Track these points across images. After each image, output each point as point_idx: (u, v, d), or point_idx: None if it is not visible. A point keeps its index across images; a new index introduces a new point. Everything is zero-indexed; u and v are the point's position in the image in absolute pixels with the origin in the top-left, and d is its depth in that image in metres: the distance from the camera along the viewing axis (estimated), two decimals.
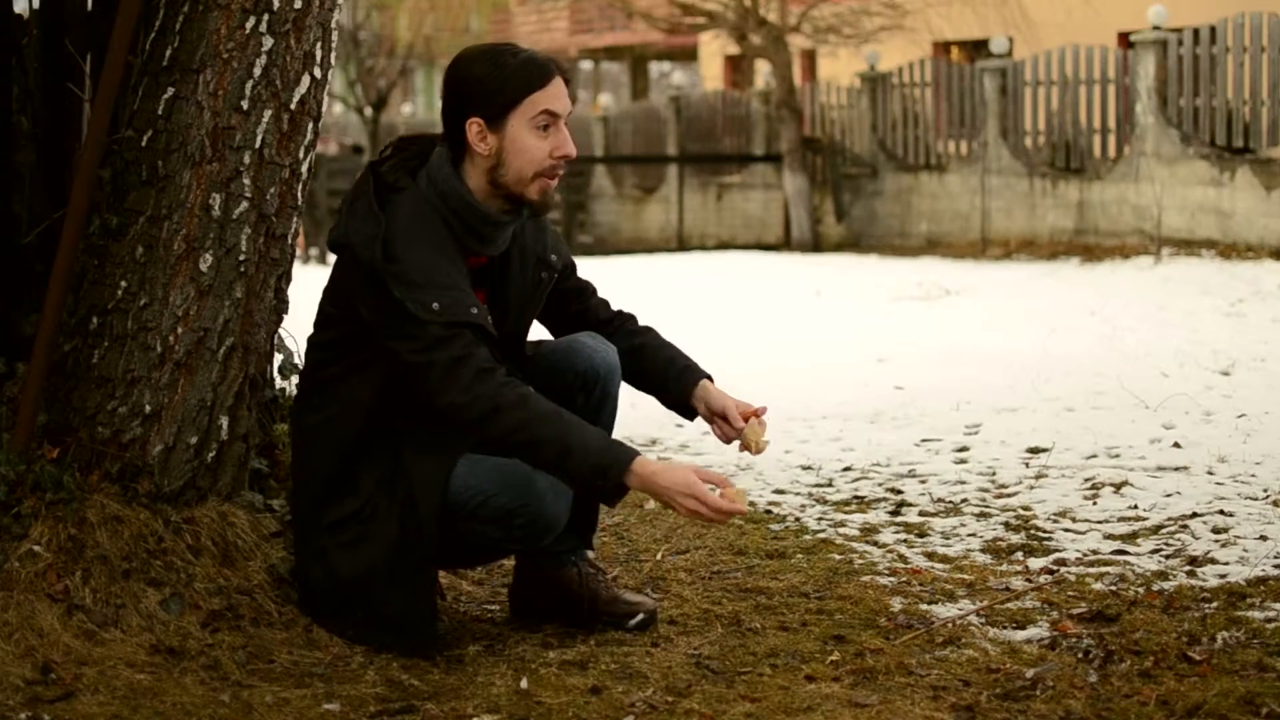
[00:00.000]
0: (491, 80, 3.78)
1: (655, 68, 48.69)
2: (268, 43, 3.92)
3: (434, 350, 3.68)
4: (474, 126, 3.80)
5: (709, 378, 4.12)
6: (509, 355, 3.94)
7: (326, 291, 3.88)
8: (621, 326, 4.17)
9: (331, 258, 3.91)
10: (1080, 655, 3.77)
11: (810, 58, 27.04)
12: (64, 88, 4.28)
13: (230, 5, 3.89)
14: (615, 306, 4.24)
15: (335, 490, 3.84)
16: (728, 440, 4.06)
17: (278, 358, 4.43)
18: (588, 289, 4.20)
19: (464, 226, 3.82)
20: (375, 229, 3.73)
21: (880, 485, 5.88)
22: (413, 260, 3.71)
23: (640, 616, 4.01)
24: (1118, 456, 6.18)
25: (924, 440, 6.70)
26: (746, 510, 3.79)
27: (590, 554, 4.16)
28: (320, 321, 3.90)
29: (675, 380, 4.11)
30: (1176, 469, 5.89)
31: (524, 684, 3.63)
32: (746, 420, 4.02)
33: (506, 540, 3.88)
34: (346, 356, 3.82)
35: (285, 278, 4.10)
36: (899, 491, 5.76)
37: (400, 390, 3.77)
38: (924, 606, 4.22)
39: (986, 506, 5.48)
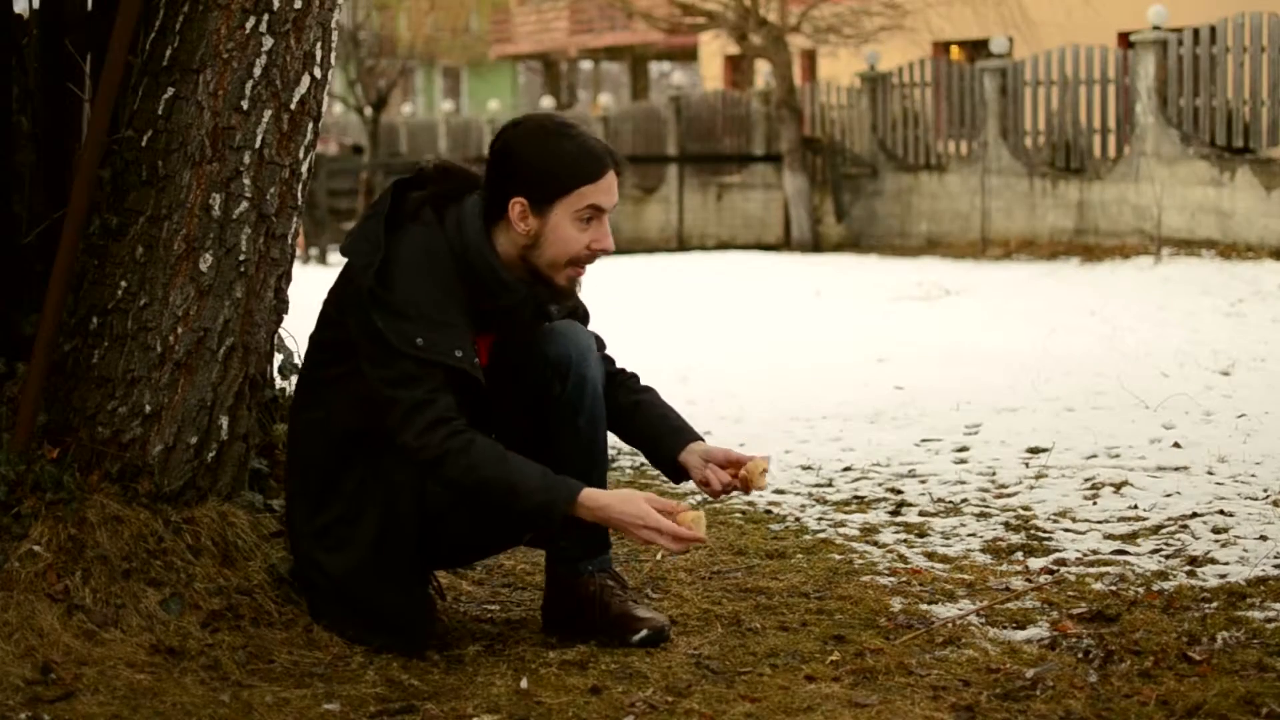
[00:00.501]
0: (544, 165, 3.74)
1: (655, 68, 48.70)
2: (268, 43, 3.92)
3: (400, 388, 3.69)
4: (517, 206, 3.76)
5: (701, 439, 4.03)
6: (511, 402, 3.90)
7: (330, 293, 3.89)
8: (622, 384, 4.08)
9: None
10: (1080, 655, 3.77)
11: (810, 58, 27.05)
12: (64, 88, 4.28)
13: (230, 5, 3.89)
14: (620, 365, 4.14)
15: (323, 492, 3.85)
16: (722, 486, 3.93)
17: (278, 358, 4.43)
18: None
19: (478, 283, 3.80)
20: (374, 253, 3.72)
21: (880, 485, 5.88)
22: (408, 292, 3.70)
23: (645, 633, 3.94)
24: (1118, 456, 6.18)
25: (924, 440, 6.70)
26: (704, 538, 3.75)
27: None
28: (321, 321, 3.90)
29: (668, 438, 4.00)
30: (1176, 469, 5.89)
31: (524, 684, 3.63)
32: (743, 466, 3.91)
33: (491, 537, 3.90)
34: (343, 360, 3.82)
35: (285, 278, 4.10)
36: (899, 491, 5.76)
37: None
38: (924, 606, 4.22)
39: (986, 506, 5.48)
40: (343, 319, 3.80)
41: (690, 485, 4.07)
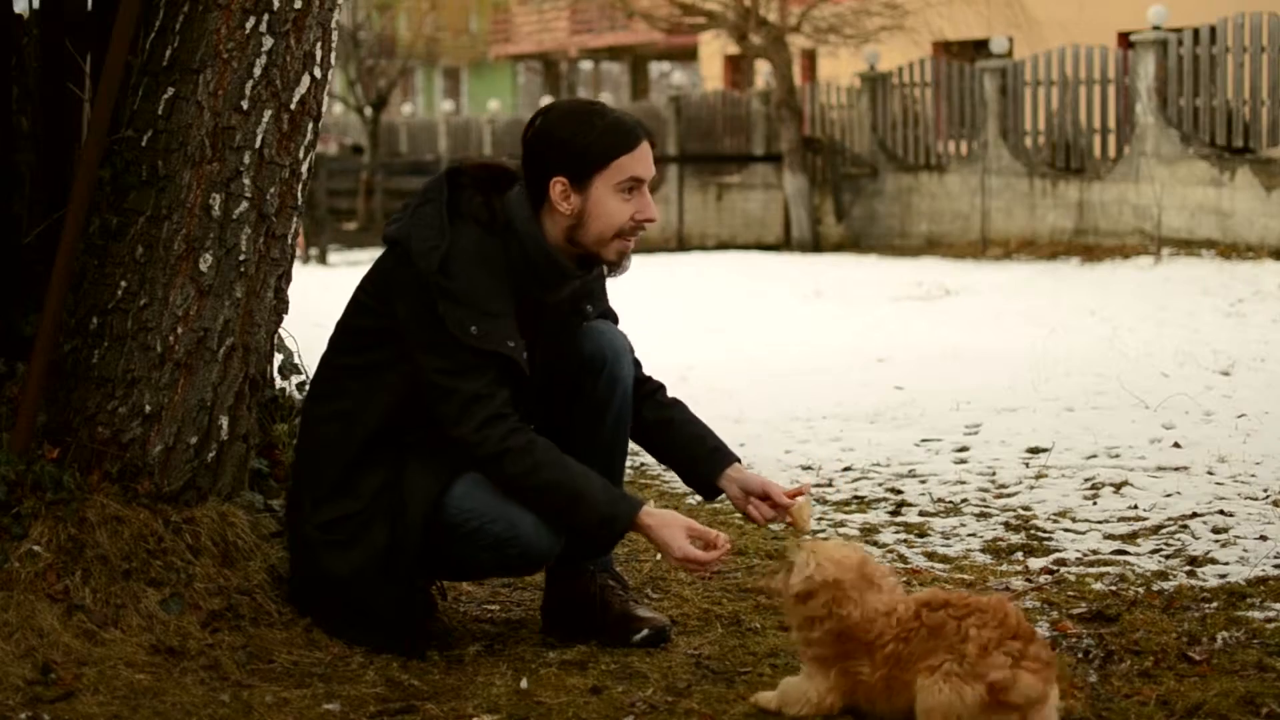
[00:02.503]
0: (579, 141, 3.77)
1: (655, 68, 48.70)
2: (268, 43, 3.92)
3: (458, 378, 3.69)
4: (558, 185, 3.78)
5: (738, 460, 4.04)
6: (537, 400, 3.91)
7: (366, 280, 3.88)
8: (650, 395, 4.08)
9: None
10: (1080, 655, 3.77)
11: (810, 58, 27.04)
12: (64, 88, 4.28)
13: (230, 5, 3.89)
14: (646, 371, 4.14)
15: (336, 487, 3.83)
16: (765, 521, 3.97)
17: (278, 358, 4.43)
18: None
19: (532, 273, 3.81)
20: (439, 240, 3.73)
21: (880, 485, 5.88)
22: (467, 281, 3.71)
23: (646, 633, 3.95)
24: (1118, 456, 6.18)
25: (924, 440, 6.70)
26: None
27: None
28: (352, 308, 3.89)
29: (705, 460, 4.01)
30: (1176, 469, 5.89)
31: (524, 684, 3.63)
32: (793, 499, 3.94)
33: (499, 568, 3.90)
34: (375, 347, 3.81)
35: (285, 278, 4.10)
36: (899, 491, 5.76)
37: (419, 401, 3.76)
38: None
39: (986, 506, 5.48)
40: (383, 305, 3.79)
41: (724, 502, 4.11)
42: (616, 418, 3.96)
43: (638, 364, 4.09)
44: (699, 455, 4.02)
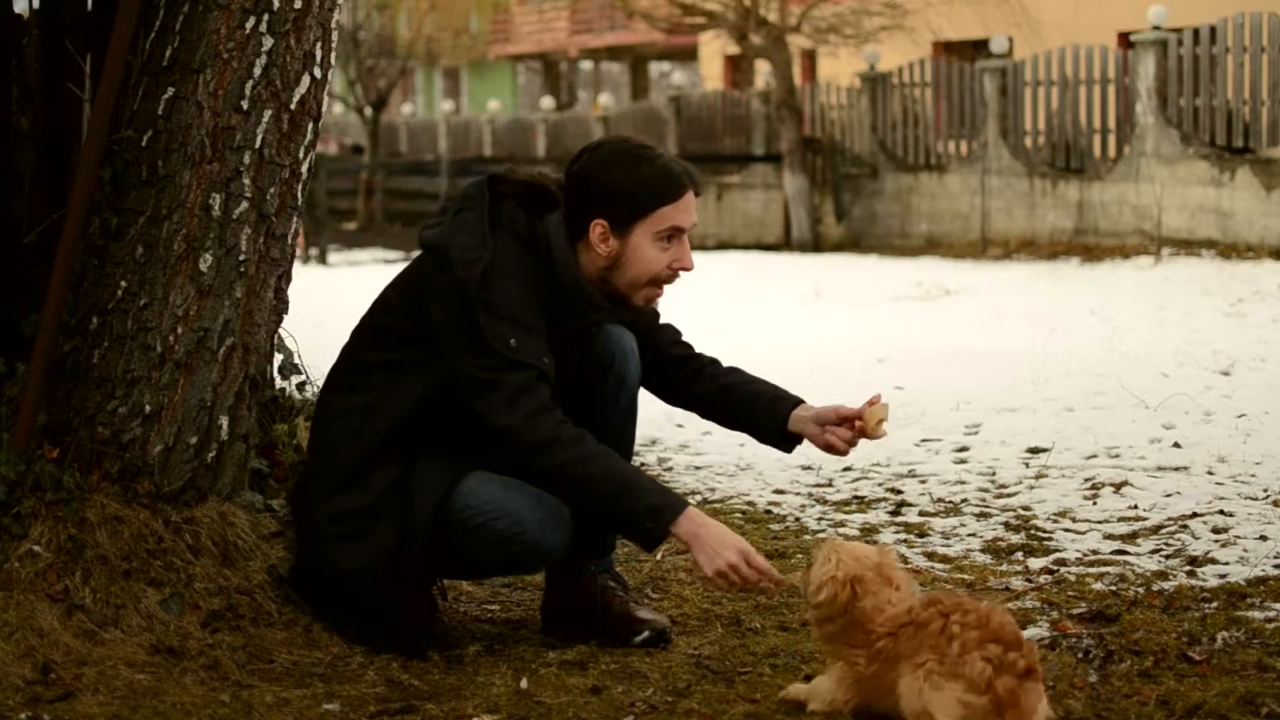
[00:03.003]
0: (624, 187, 3.76)
1: (655, 68, 48.70)
2: (268, 43, 3.92)
3: (506, 371, 3.69)
4: (598, 228, 3.78)
5: (802, 401, 3.99)
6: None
7: (397, 282, 3.89)
8: (701, 371, 4.07)
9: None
10: (1080, 655, 3.77)
11: (810, 58, 27.05)
12: (64, 88, 4.27)
13: (230, 5, 3.89)
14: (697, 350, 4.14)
15: (348, 480, 3.83)
16: (848, 445, 3.90)
17: (278, 358, 4.43)
18: (664, 330, 4.12)
19: (563, 301, 3.82)
20: (481, 252, 3.72)
21: (880, 485, 5.89)
22: (505, 295, 3.71)
23: (646, 634, 3.95)
24: (1118, 456, 6.18)
25: (924, 440, 6.71)
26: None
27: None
28: (380, 307, 3.90)
29: (766, 411, 3.99)
30: (1176, 469, 5.89)
31: (524, 684, 3.63)
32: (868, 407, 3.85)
33: (504, 565, 3.90)
34: (397, 349, 3.82)
35: (285, 278, 4.10)
36: (899, 491, 5.76)
37: (440, 403, 3.77)
38: None
39: (986, 506, 5.48)
40: (415, 307, 3.79)
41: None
42: (623, 417, 3.99)
43: (686, 344, 4.10)
44: (760, 409, 4.00)
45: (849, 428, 3.90)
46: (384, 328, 3.87)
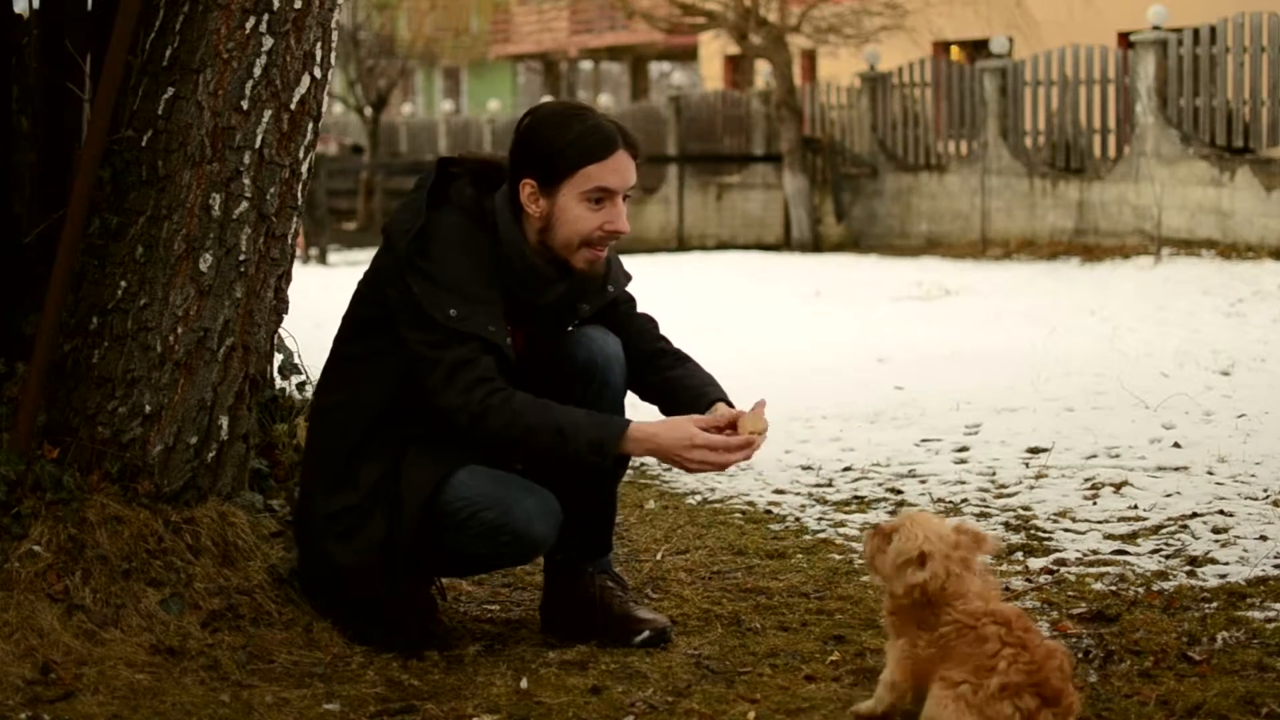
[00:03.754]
0: (550, 145, 3.75)
1: (655, 68, 48.70)
2: (268, 43, 3.93)
3: (442, 349, 3.70)
4: (527, 188, 3.78)
5: (723, 400, 3.96)
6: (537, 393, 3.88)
7: (366, 272, 3.90)
8: (655, 363, 4.05)
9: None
10: (1080, 655, 3.77)
11: (810, 58, 27.04)
12: (64, 88, 4.28)
13: (230, 5, 3.89)
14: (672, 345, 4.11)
15: (340, 477, 3.84)
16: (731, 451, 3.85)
17: (278, 358, 4.43)
18: (637, 323, 4.09)
19: (514, 274, 3.81)
20: (415, 222, 3.74)
21: (880, 485, 5.88)
22: (446, 264, 3.72)
23: (646, 634, 3.95)
24: (1118, 456, 6.17)
25: (924, 440, 6.70)
26: (761, 433, 3.67)
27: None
28: (356, 298, 3.92)
29: (686, 405, 3.95)
30: (1176, 469, 5.89)
31: (524, 684, 3.63)
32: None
33: (493, 557, 3.89)
34: (375, 335, 3.83)
35: (285, 278, 4.11)
36: (899, 491, 5.76)
37: (417, 389, 3.77)
38: None
39: (986, 506, 5.48)
40: (378, 293, 3.81)
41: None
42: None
43: (663, 338, 4.08)
44: (683, 402, 3.95)
45: (730, 432, 3.82)
46: (355, 319, 3.90)
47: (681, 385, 4.00)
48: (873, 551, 3.33)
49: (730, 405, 3.93)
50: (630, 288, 4.11)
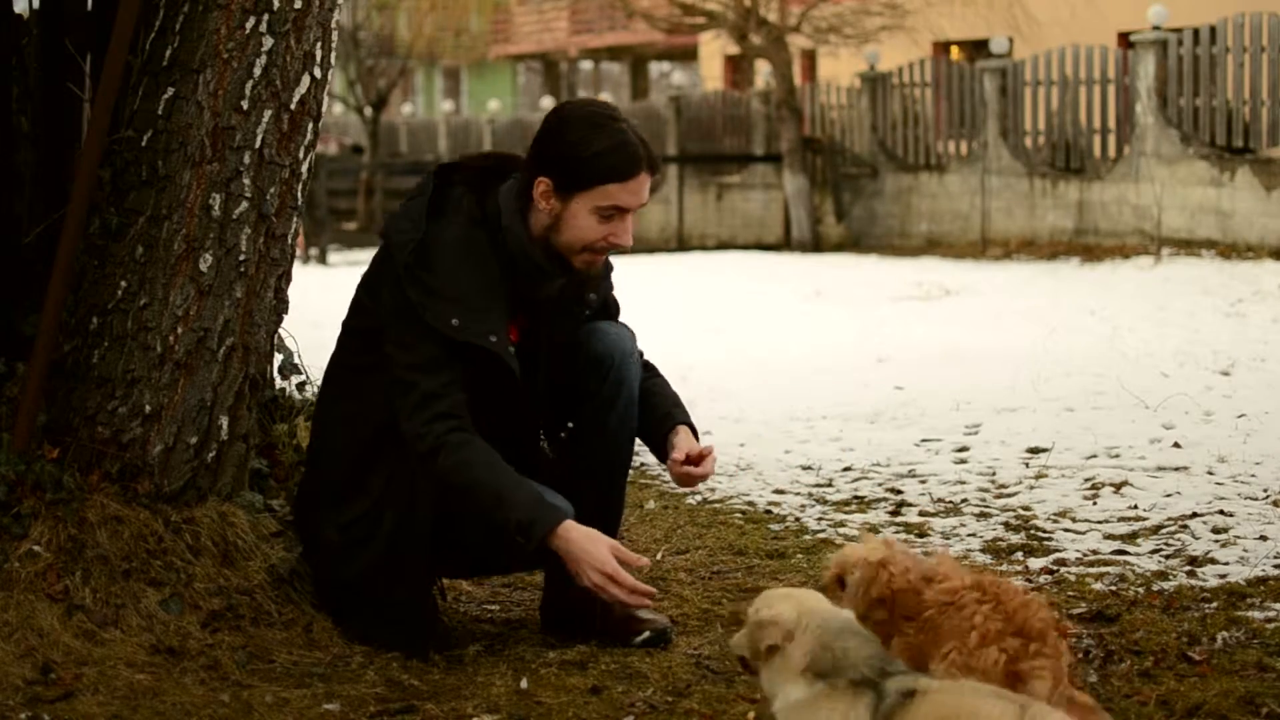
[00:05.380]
0: (574, 151, 3.74)
1: (655, 68, 48.69)
2: (268, 43, 3.92)
3: (420, 372, 3.71)
4: (542, 185, 3.77)
5: (686, 425, 3.99)
6: (546, 393, 3.90)
7: (363, 279, 3.90)
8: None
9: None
10: (1080, 655, 3.77)
11: (810, 58, 27.04)
12: (64, 88, 4.28)
13: (230, 5, 3.89)
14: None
15: (350, 488, 3.85)
16: (688, 480, 3.93)
17: (278, 358, 4.43)
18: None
19: (515, 268, 3.81)
20: (416, 233, 3.74)
21: (880, 485, 5.88)
22: (448, 274, 3.72)
23: (647, 634, 3.95)
24: (1118, 456, 6.17)
25: (924, 440, 6.70)
26: (653, 595, 3.75)
27: None
28: (354, 308, 3.92)
29: (654, 425, 3.99)
30: (1176, 469, 5.89)
31: (524, 684, 3.63)
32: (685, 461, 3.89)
33: (498, 550, 3.89)
34: (373, 349, 3.83)
35: (285, 278, 4.10)
36: (899, 491, 5.76)
37: None
38: None
39: (986, 506, 5.48)
40: (374, 302, 3.81)
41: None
42: (621, 418, 3.96)
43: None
44: (650, 421, 3.98)
45: (693, 464, 3.88)
46: (357, 330, 3.90)
47: (648, 403, 4.01)
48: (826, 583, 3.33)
49: (693, 429, 3.98)
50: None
